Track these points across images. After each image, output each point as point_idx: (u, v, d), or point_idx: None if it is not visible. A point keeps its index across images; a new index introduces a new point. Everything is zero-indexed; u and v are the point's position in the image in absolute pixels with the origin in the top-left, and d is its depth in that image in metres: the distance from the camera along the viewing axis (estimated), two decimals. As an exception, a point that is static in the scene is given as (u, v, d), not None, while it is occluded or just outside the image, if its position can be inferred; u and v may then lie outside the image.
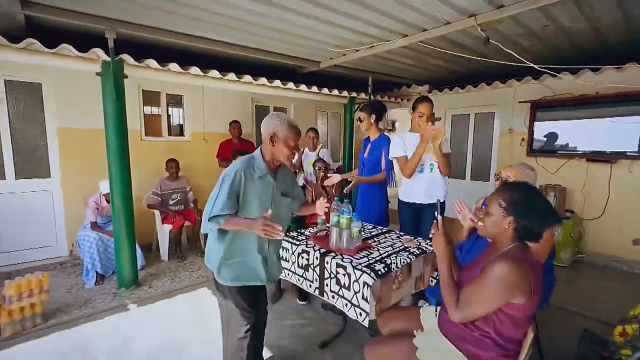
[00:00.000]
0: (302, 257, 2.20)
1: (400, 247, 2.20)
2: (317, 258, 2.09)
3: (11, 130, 3.36)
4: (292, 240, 2.31)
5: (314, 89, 4.39)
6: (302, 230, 2.57)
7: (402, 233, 2.56)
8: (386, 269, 1.87)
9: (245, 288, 1.65)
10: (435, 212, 1.52)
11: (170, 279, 3.35)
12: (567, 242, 3.67)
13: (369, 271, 1.79)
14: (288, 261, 2.31)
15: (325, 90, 4.52)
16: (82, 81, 3.43)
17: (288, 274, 2.32)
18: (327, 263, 2.01)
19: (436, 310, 1.54)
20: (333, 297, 2.00)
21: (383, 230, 2.60)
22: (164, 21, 2.71)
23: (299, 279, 2.24)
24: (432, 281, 2.23)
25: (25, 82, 3.39)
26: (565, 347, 2.14)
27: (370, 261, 1.92)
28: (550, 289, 1.99)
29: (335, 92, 4.65)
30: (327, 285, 2.03)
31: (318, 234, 2.38)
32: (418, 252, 2.13)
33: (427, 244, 2.28)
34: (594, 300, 2.95)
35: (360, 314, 1.81)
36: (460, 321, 1.29)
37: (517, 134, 4.51)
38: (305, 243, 2.24)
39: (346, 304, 1.90)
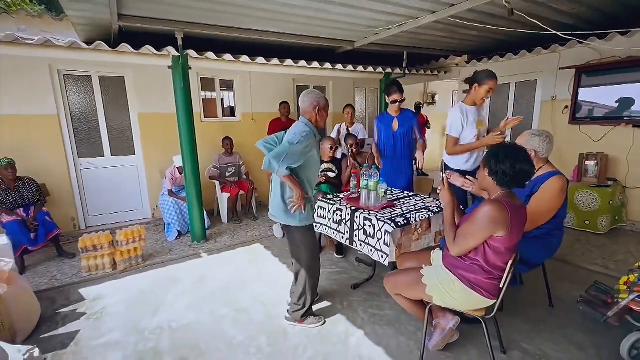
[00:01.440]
0: (336, 214, 2.65)
1: (422, 206, 2.54)
2: (348, 214, 2.52)
3: (106, 117, 4.21)
4: (327, 201, 2.77)
5: (350, 67, 4.67)
6: (338, 194, 3.02)
7: (427, 196, 2.87)
8: (405, 221, 2.25)
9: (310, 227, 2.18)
10: (441, 172, 1.86)
11: (230, 236, 4.05)
12: (605, 209, 3.65)
13: (389, 222, 2.19)
14: (325, 218, 2.78)
15: (360, 68, 4.77)
16: (154, 73, 4.12)
17: (325, 229, 2.80)
18: (357, 218, 2.44)
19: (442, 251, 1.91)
20: (361, 245, 2.44)
21: (409, 194, 2.94)
22: (220, 19, 3.20)
23: (333, 232, 2.71)
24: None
25: (112, 76, 4.17)
26: (575, 296, 2.36)
27: (393, 216, 2.31)
28: (557, 243, 2.19)
29: (370, 69, 4.87)
30: (356, 235, 2.47)
31: (350, 196, 2.81)
32: (437, 210, 2.47)
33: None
34: (622, 262, 3.03)
35: (382, 257, 2.23)
36: (457, 254, 1.65)
37: (559, 101, 4.38)
38: (339, 203, 2.68)
39: (371, 250, 2.33)
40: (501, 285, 1.60)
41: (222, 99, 5.18)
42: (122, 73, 4.18)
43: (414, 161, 3.37)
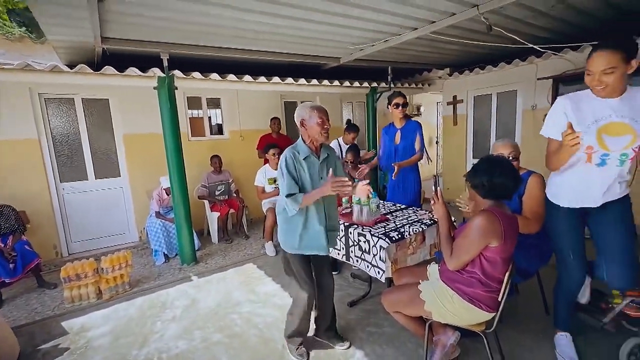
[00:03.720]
0: (330, 230, 2.61)
1: (415, 219, 2.54)
2: (342, 230, 2.49)
3: (89, 139, 4.11)
4: (321, 217, 2.73)
5: (336, 82, 4.73)
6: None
7: (418, 209, 2.87)
8: (399, 236, 2.23)
9: (305, 257, 2.02)
10: (433, 186, 1.86)
11: (221, 257, 3.94)
12: None
13: (384, 237, 2.17)
14: (318, 235, 2.74)
15: (346, 83, 4.85)
16: (139, 94, 4.08)
17: (319, 246, 2.75)
18: (351, 234, 2.41)
19: (438, 266, 1.89)
20: (357, 261, 2.40)
21: (401, 207, 2.93)
22: (205, 40, 3.21)
23: (328, 249, 2.66)
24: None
25: (96, 98, 4.10)
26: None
27: (387, 230, 2.29)
28: (550, 249, 2.20)
29: (357, 83, 4.95)
30: (351, 251, 2.43)
31: (343, 211, 2.78)
32: (429, 223, 2.46)
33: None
34: None
35: (378, 273, 2.20)
36: (454, 268, 1.64)
37: (540, 110, 4.53)
38: (332, 219, 2.65)
39: (367, 266, 2.30)
40: (499, 299, 1.58)
41: (210, 117, 5.15)
42: (106, 95, 4.12)
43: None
